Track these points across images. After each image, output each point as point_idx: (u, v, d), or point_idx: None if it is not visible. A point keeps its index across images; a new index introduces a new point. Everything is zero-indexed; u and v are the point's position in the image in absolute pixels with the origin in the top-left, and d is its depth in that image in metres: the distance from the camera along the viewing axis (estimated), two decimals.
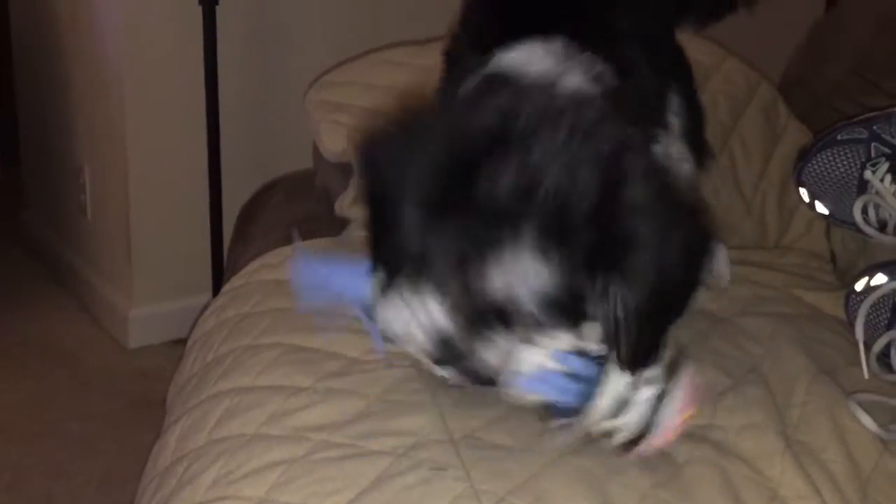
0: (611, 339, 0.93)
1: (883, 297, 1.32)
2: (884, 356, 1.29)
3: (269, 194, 2.03)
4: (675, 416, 0.92)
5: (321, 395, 1.09)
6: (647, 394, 0.93)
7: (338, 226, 1.68)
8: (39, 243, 3.06)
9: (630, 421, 0.93)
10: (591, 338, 0.97)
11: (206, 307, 1.53)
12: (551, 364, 0.93)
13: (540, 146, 0.89)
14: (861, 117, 1.45)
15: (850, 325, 1.34)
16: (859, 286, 1.37)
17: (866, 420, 1.13)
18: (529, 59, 1.07)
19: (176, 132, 2.51)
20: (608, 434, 0.93)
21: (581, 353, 0.94)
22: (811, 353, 1.27)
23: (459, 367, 0.96)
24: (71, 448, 2.18)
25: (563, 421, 0.95)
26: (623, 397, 0.92)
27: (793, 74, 2.16)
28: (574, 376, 0.93)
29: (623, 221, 0.90)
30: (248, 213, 2.06)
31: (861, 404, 1.15)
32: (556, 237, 0.88)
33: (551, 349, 0.94)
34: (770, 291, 1.48)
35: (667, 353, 0.97)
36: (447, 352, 0.94)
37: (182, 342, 1.52)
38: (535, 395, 0.95)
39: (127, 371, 2.50)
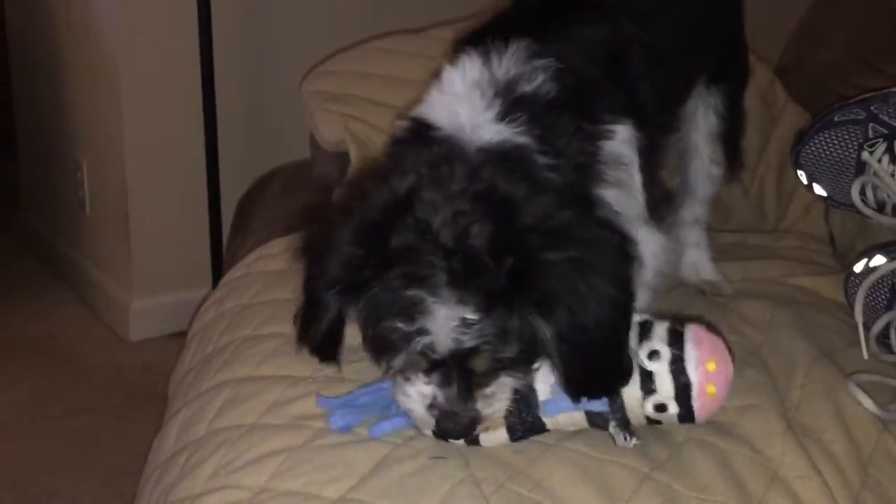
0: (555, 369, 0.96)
1: (882, 278, 1.31)
2: (883, 337, 1.29)
3: (266, 186, 2.03)
4: (699, 370, 0.93)
5: (320, 383, 1.09)
6: (662, 362, 0.94)
7: None
8: (38, 239, 3.06)
9: (664, 390, 0.94)
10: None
11: (205, 299, 1.53)
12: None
13: (433, 209, 0.94)
14: (858, 98, 1.45)
15: (850, 306, 1.33)
16: (858, 268, 1.36)
17: (866, 401, 1.13)
18: (463, 87, 1.08)
19: (173, 125, 2.51)
20: (662, 410, 0.94)
21: None
22: (810, 336, 1.27)
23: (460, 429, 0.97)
24: (73, 443, 2.19)
25: (616, 425, 0.97)
26: (644, 376, 0.94)
27: (789, 57, 2.15)
28: None
29: (523, 250, 0.92)
30: (246, 205, 2.06)
31: (860, 385, 1.15)
32: (468, 284, 0.91)
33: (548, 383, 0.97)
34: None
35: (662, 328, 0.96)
36: (446, 418, 0.96)
37: (183, 334, 1.52)
38: (570, 417, 0.97)
39: (128, 364, 2.50)
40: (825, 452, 1.04)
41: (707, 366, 0.93)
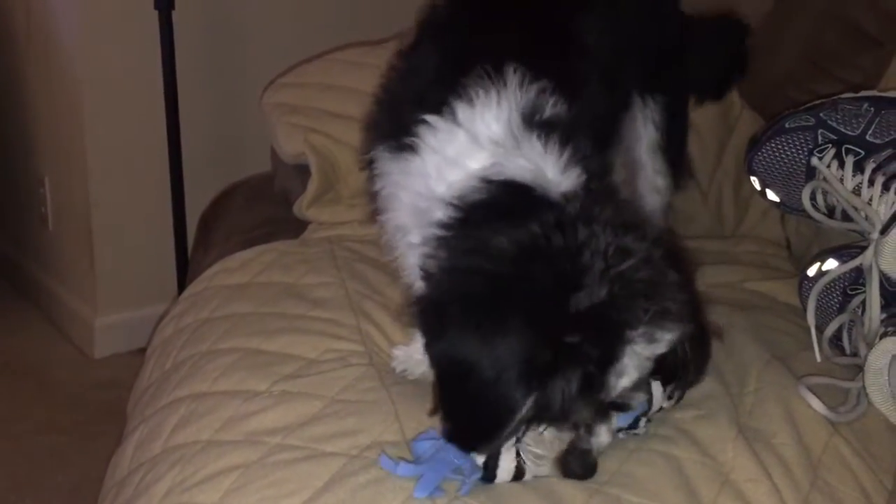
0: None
1: (833, 281, 1.33)
2: (835, 339, 1.31)
3: (228, 199, 2.03)
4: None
5: (276, 398, 1.09)
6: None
7: (297, 227, 1.68)
8: (0, 256, 3.03)
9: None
10: None
11: (165, 314, 1.53)
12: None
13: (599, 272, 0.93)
14: (808, 105, 1.47)
15: (804, 310, 1.35)
16: (811, 271, 1.38)
17: (815, 403, 1.14)
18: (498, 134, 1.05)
19: (136, 139, 2.49)
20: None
21: None
22: (764, 340, 1.29)
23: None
24: (39, 461, 2.16)
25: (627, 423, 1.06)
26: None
27: None
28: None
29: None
30: (209, 219, 2.05)
31: (812, 388, 1.17)
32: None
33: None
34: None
35: None
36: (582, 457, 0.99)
37: None
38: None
39: (93, 381, 2.48)
40: (775, 455, 1.06)
41: None
